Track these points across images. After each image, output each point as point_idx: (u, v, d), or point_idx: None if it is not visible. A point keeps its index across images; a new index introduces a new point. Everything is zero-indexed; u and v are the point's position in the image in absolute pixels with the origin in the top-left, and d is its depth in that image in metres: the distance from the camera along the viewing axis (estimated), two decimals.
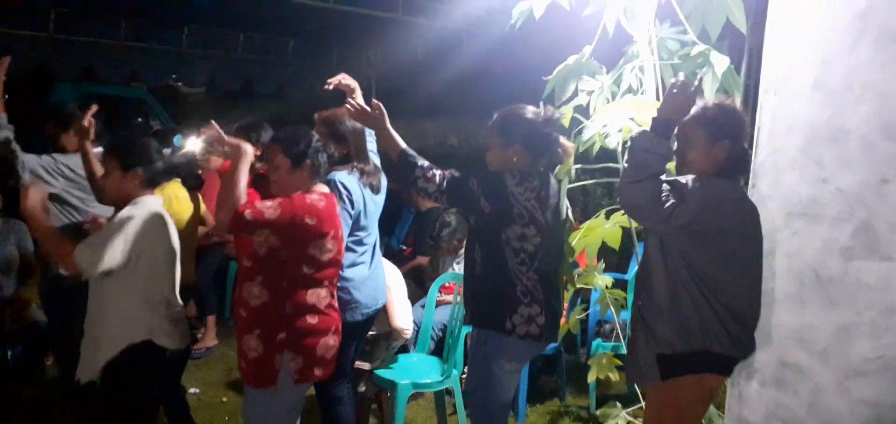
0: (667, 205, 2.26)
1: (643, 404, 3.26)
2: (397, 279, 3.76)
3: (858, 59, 2.42)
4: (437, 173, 2.61)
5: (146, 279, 2.50)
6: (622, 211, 3.16)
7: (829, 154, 2.51)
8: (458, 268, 4.63)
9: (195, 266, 4.00)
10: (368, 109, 2.64)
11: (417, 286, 5.19)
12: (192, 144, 3.82)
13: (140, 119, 10.19)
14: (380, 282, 3.26)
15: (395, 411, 3.56)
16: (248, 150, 2.47)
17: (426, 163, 2.63)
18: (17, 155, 3.39)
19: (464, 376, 3.66)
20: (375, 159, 3.38)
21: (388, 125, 2.67)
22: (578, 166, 3.29)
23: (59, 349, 4.06)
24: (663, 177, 2.35)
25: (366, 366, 3.61)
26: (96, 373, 2.51)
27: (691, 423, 2.51)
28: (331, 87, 3.14)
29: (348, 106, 2.71)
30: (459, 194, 2.60)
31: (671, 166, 2.66)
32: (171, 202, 3.53)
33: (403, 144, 2.69)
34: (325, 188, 2.61)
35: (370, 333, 3.38)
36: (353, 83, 3.06)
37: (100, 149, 3.08)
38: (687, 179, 2.36)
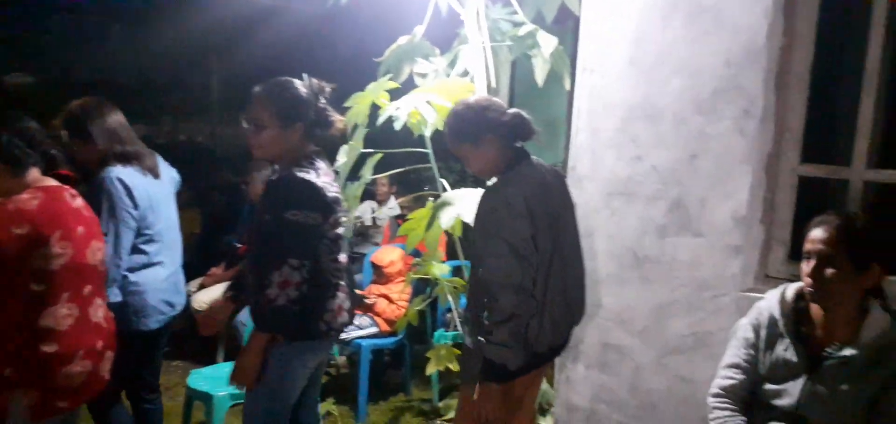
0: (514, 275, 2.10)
1: None
2: None
3: (670, 35, 2.42)
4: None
5: None
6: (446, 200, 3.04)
7: (645, 132, 2.50)
8: None
9: None
10: None
11: None
12: None
13: None
14: (181, 284, 2.90)
15: None
16: None
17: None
18: None
19: None
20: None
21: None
22: (379, 150, 3.21)
23: None
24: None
25: None
26: None
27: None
28: None
29: None
30: (295, 238, 2.14)
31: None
32: None
33: None
34: (48, 181, 2.18)
35: None
36: None
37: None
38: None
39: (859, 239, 1.75)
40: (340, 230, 2.30)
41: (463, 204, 2.82)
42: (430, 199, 3.19)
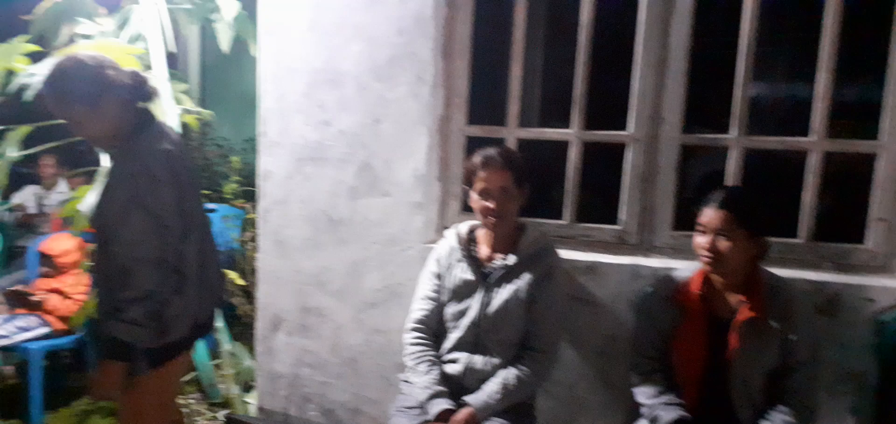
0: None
1: None
2: None
3: (347, 0, 2.49)
4: None
5: None
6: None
7: (330, 97, 2.56)
8: None
9: None
10: None
11: None
12: None
13: None
14: None
15: None
16: None
17: None
18: None
19: None
20: None
21: None
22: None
23: None
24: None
25: None
26: None
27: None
28: None
29: None
30: None
31: None
32: None
33: None
34: None
35: None
36: None
37: None
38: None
39: (520, 167, 2.10)
40: None
41: None
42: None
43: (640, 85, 2.34)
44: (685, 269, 2.08)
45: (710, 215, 1.92)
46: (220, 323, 3.33)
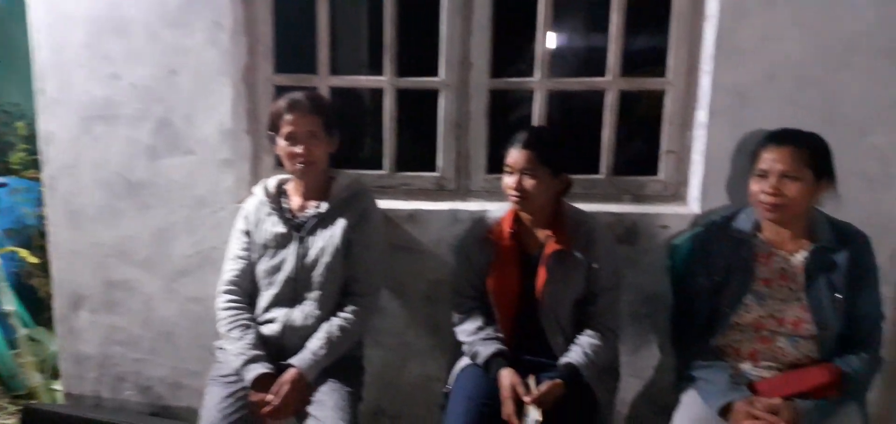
0: None
1: None
2: None
3: None
4: None
5: None
6: None
7: (116, 47, 2.30)
8: None
9: None
10: None
11: None
12: None
13: None
14: None
15: None
16: None
17: None
18: None
19: None
20: None
21: None
22: None
23: None
24: None
25: None
26: None
27: None
28: None
29: None
30: None
31: None
32: None
33: None
34: None
35: None
36: None
37: None
38: None
39: (329, 112, 2.08)
40: None
41: None
42: None
43: (448, 31, 2.34)
44: (498, 210, 2.13)
45: (515, 155, 1.96)
46: (13, 307, 2.98)
